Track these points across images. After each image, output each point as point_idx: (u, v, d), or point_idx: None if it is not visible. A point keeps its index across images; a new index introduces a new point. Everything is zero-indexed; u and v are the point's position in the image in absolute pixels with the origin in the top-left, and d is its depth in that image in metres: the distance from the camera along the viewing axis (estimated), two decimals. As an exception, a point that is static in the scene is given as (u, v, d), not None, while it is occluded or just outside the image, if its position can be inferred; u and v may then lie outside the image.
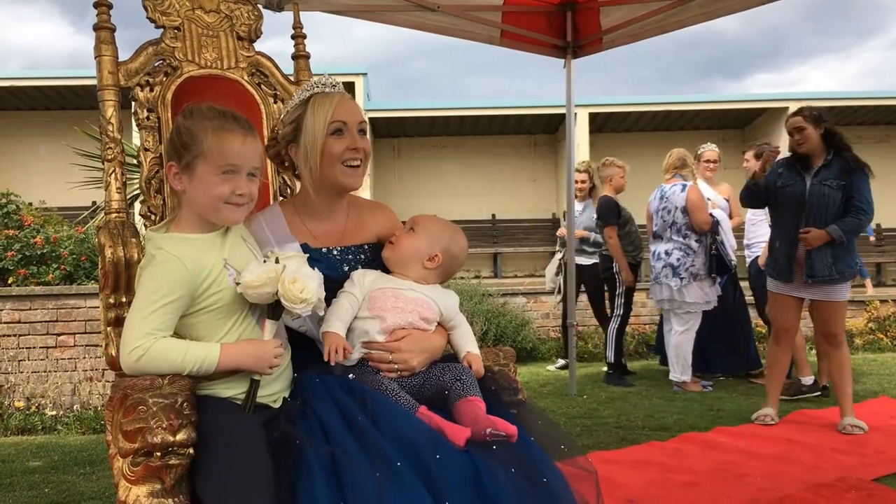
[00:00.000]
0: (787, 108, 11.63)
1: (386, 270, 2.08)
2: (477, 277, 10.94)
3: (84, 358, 7.09)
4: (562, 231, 7.12)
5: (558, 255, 7.40)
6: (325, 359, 1.82)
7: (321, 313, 1.89)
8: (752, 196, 4.85)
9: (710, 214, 6.03)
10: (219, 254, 1.80)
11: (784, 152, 4.90)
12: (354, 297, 1.95)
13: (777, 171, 4.71)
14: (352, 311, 1.94)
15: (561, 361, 7.29)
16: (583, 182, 7.03)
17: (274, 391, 1.84)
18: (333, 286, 1.95)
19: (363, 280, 1.99)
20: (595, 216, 6.71)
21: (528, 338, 7.97)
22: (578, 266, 6.83)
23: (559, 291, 7.24)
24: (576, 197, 6.90)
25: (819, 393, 5.54)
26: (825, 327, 4.62)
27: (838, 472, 3.65)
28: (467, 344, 2.03)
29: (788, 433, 4.53)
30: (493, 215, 13.53)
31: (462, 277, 9.99)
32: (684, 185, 6.07)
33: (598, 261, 6.80)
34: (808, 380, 5.64)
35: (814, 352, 6.17)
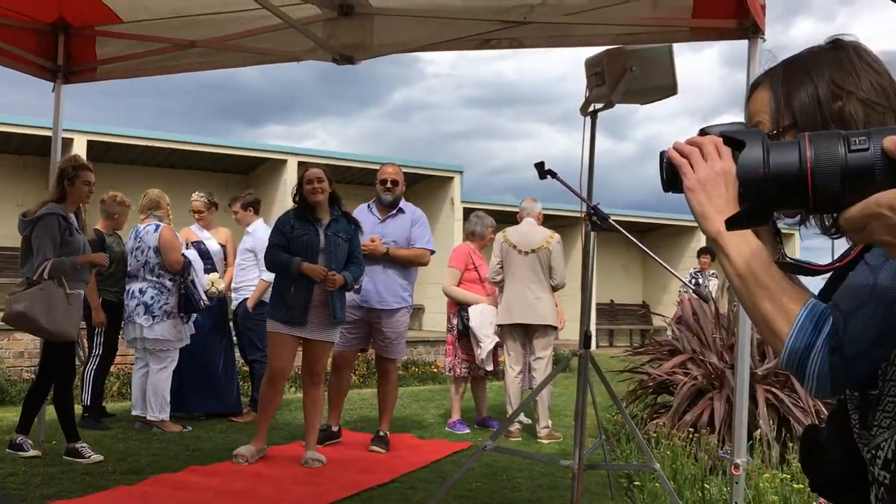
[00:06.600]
0: (286, 161, 12.51)
1: None
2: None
3: None
4: None
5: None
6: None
7: None
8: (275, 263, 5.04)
9: (183, 255, 6.05)
10: None
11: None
12: None
13: (290, 221, 5.01)
14: None
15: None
16: None
17: None
18: None
19: None
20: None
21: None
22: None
23: None
24: None
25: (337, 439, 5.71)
26: (315, 366, 5.08)
27: (294, 502, 3.98)
28: None
29: (259, 468, 4.80)
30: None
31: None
32: (157, 226, 6.04)
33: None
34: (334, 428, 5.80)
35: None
